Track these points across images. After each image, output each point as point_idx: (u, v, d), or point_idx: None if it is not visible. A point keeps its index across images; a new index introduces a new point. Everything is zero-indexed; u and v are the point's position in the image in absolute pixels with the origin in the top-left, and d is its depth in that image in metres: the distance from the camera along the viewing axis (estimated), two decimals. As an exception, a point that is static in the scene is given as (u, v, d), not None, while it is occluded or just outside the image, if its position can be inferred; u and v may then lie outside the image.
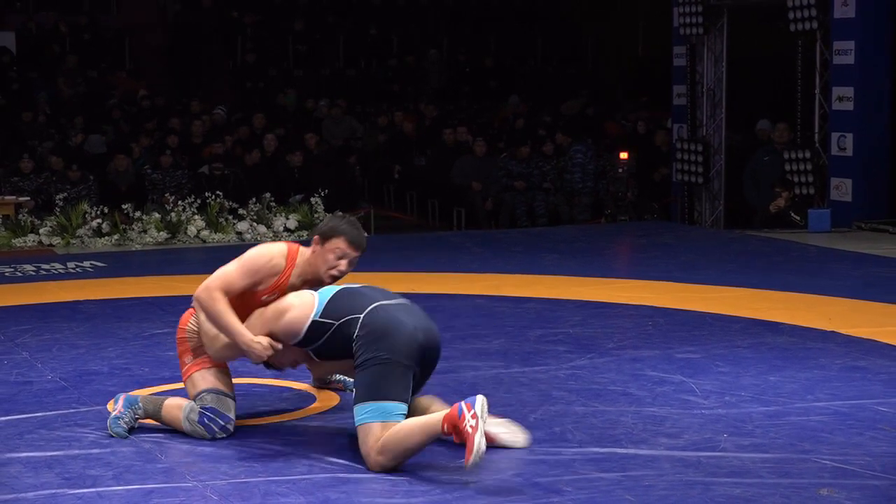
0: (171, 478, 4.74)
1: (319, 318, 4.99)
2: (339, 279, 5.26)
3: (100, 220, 12.27)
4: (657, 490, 4.53)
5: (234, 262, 5.21)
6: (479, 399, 4.59)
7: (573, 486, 4.57)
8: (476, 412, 4.54)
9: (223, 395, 5.24)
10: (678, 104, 15.01)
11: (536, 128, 16.73)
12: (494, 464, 4.84)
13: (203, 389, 5.24)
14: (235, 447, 5.10)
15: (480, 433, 4.53)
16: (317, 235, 5.24)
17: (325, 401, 5.80)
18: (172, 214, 12.50)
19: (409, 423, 4.76)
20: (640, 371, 6.38)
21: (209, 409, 5.20)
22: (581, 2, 21.65)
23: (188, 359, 5.34)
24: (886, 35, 12.65)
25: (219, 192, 12.91)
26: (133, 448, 5.11)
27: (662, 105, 16.66)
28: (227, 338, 5.13)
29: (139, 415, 5.34)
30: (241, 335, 5.06)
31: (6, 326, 7.71)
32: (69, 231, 12.21)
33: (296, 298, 5.11)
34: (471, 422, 4.53)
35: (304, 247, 5.32)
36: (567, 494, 4.50)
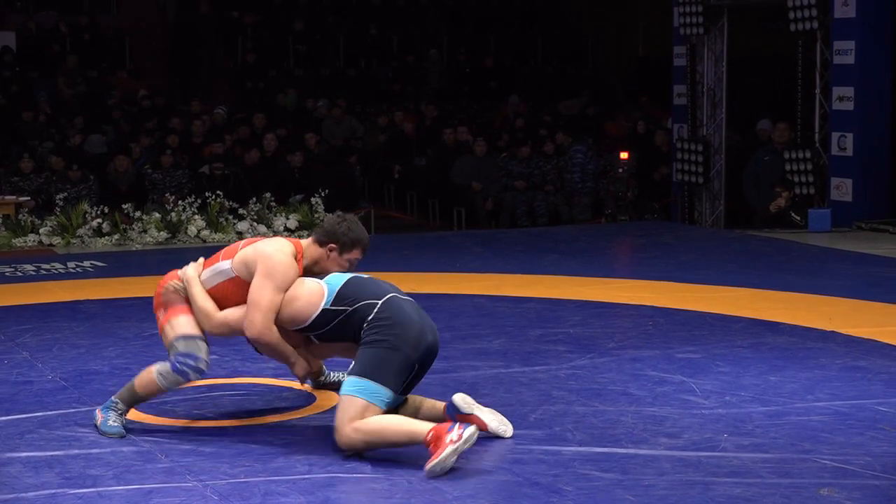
0: (171, 478, 4.75)
1: (331, 307, 5.07)
2: None
3: (100, 220, 12.25)
4: (657, 490, 4.53)
5: (265, 280, 5.16)
6: (472, 428, 4.71)
7: (573, 486, 4.57)
8: (465, 437, 4.66)
9: (193, 339, 5.30)
10: (678, 104, 14.99)
11: (537, 128, 16.73)
12: (494, 463, 4.85)
13: (172, 338, 5.31)
14: (235, 447, 5.11)
15: (455, 452, 4.64)
16: (333, 244, 5.30)
17: (325, 401, 5.80)
18: (173, 214, 12.49)
19: (398, 419, 4.91)
20: (641, 371, 6.38)
21: (179, 355, 5.26)
22: (581, 2, 21.66)
23: (161, 313, 5.42)
24: (887, 35, 12.64)
25: (219, 192, 12.89)
26: (133, 448, 5.11)
27: (662, 105, 16.66)
28: (285, 363, 5.33)
29: (120, 409, 5.36)
30: (300, 366, 5.30)
31: (6, 326, 7.71)
32: (69, 231, 12.20)
33: (303, 289, 5.17)
34: (455, 439, 4.65)
35: (304, 241, 5.39)
36: (567, 494, 4.50)
